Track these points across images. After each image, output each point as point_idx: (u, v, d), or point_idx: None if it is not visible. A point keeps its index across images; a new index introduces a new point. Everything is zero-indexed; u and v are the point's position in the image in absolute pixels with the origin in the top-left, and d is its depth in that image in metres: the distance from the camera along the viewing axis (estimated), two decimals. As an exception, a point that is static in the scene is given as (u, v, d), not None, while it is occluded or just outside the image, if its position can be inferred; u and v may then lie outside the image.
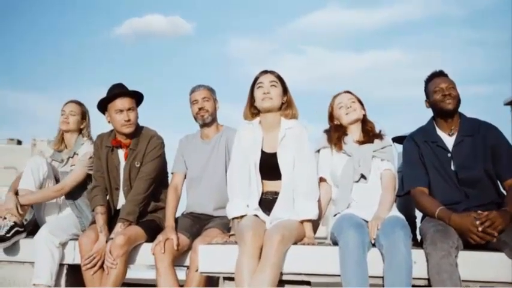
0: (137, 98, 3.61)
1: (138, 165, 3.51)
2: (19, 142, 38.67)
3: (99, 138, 3.67)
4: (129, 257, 3.32)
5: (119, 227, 3.33)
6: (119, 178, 3.57)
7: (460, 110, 3.18)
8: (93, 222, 3.48)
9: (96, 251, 3.28)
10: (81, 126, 3.89)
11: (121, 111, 3.48)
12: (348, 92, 3.34)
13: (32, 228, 3.77)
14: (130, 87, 3.59)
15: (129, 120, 3.49)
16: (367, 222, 2.86)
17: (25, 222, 3.71)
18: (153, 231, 3.42)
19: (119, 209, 3.51)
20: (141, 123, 3.66)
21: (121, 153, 3.59)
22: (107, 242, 3.28)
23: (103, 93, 3.57)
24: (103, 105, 3.56)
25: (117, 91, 3.53)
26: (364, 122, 3.29)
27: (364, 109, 3.30)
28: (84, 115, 3.91)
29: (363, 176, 3.10)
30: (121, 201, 3.56)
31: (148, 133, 3.61)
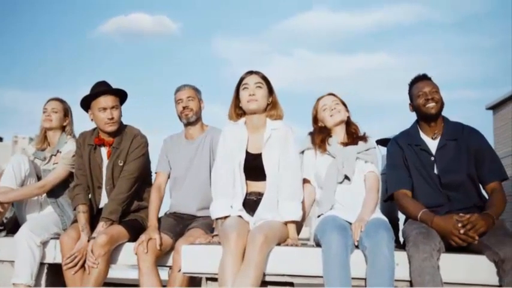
0: (121, 96, 3.58)
1: (121, 164, 3.48)
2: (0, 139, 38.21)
3: (81, 136, 3.62)
4: (111, 256, 3.29)
5: (101, 226, 3.30)
6: (102, 177, 3.54)
7: (445, 113, 3.21)
8: (75, 221, 3.44)
9: (78, 250, 3.24)
10: (64, 124, 3.85)
11: (104, 109, 3.45)
12: (332, 94, 3.35)
13: (12, 226, 3.72)
14: (114, 86, 3.55)
15: (112, 119, 3.46)
16: (350, 224, 2.87)
17: (5, 221, 3.66)
18: (135, 230, 3.40)
19: (101, 208, 3.47)
20: (125, 122, 3.63)
21: (104, 151, 3.56)
22: (88, 241, 3.25)
23: (85, 92, 3.53)
24: (86, 103, 3.52)
25: (101, 89, 3.49)
26: (348, 124, 3.30)
27: (348, 111, 3.32)
28: (66, 112, 3.86)
29: (346, 178, 3.10)
30: (103, 200, 3.52)
31: (132, 132, 3.58)
